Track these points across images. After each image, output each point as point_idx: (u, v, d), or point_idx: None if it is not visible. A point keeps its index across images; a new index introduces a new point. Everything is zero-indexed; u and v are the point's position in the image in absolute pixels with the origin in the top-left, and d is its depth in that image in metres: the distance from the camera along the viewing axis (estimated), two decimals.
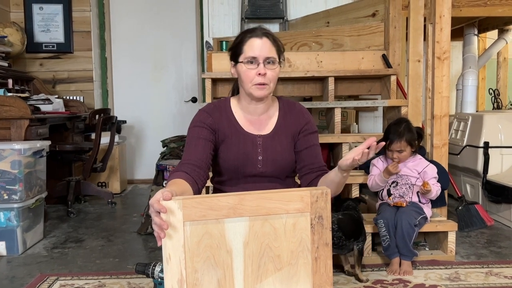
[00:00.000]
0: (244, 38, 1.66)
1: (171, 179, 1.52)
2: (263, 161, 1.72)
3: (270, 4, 4.40)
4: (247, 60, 1.64)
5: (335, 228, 2.24)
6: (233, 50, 1.71)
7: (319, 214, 1.27)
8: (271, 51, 1.64)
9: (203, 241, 1.24)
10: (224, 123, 1.73)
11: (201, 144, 1.66)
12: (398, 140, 2.49)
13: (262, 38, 1.64)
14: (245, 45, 1.65)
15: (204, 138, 1.68)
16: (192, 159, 1.62)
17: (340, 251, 2.31)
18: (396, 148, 2.50)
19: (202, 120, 1.72)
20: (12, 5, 4.65)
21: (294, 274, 1.29)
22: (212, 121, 1.71)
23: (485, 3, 3.77)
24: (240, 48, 1.67)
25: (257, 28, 1.68)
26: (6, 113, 3.23)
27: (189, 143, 1.68)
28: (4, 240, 2.77)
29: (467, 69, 4.25)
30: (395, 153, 2.51)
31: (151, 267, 2.00)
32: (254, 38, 1.64)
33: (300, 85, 3.54)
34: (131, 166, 5.24)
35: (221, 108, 1.76)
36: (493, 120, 3.54)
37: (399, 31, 3.44)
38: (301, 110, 1.80)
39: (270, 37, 1.65)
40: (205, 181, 1.64)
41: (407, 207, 2.45)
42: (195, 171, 1.59)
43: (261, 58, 1.62)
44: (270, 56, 1.63)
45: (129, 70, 5.13)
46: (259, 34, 1.65)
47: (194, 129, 1.71)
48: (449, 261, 2.56)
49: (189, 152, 1.66)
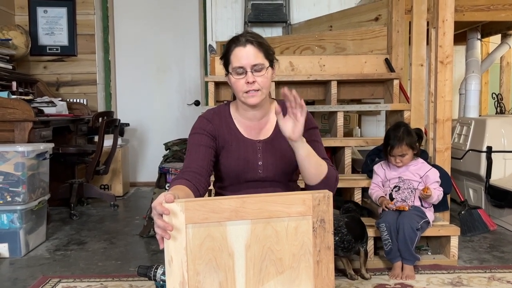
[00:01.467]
0: (230, 48, 1.66)
1: (172, 185, 1.52)
2: (263, 166, 1.72)
3: (273, 8, 4.41)
4: (235, 71, 1.64)
5: (344, 232, 2.28)
6: (223, 60, 1.72)
7: (321, 217, 1.28)
8: (257, 57, 1.62)
9: (205, 243, 1.24)
10: (224, 130, 1.73)
11: (202, 151, 1.67)
12: (398, 145, 2.49)
13: (246, 46, 1.63)
14: (231, 55, 1.65)
15: (204, 145, 1.68)
16: (193, 167, 1.62)
17: (348, 253, 2.33)
18: (398, 153, 2.50)
19: (202, 127, 1.72)
20: (16, 8, 4.68)
21: (295, 277, 1.29)
22: (212, 128, 1.72)
23: (488, 7, 3.77)
24: (227, 58, 1.68)
25: (241, 35, 1.67)
26: (10, 116, 3.24)
27: (190, 151, 1.69)
28: (7, 242, 2.77)
29: (470, 73, 4.24)
30: (397, 158, 2.52)
31: (153, 270, 2.00)
32: (238, 48, 1.63)
33: (302, 89, 3.54)
34: (134, 168, 5.25)
35: (221, 114, 1.77)
36: (496, 125, 3.53)
37: (402, 35, 3.44)
38: None
39: (254, 43, 1.63)
40: (207, 188, 1.64)
41: (409, 211, 2.45)
42: (196, 178, 1.59)
43: (247, 66, 1.62)
44: (256, 63, 1.62)
45: (132, 73, 5.14)
46: (243, 42, 1.63)
47: (195, 136, 1.71)
48: (451, 266, 2.55)
49: (190, 160, 1.66)
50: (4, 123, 3.25)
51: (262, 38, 1.69)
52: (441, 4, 2.75)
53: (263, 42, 1.67)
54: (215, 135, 1.72)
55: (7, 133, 3.27)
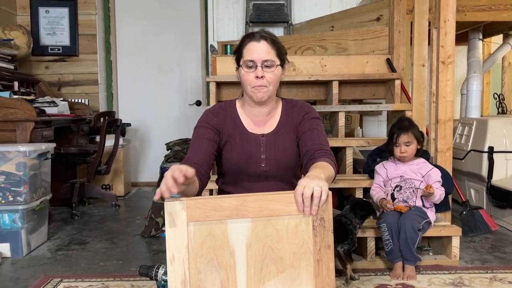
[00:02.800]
0: (244, 42, 1.70)
1: None
2: (266, 160, 1.73)
3: (274, 8, 4.41)
4: (245, 64, 1.67)
5: None
6: (235, 54, 1.75)
7: (321, 216, 1.28)
8: (269, 54, 1.66)
9: (206, 242, 1.24)
10: (228, 124, 1.76)
11: (205, 145, 1.70)
12: (405, 132, 2.50)
13: (259, 41, 1.66)
14: (244, 49, 1.69)
15: (208, 138, 1.71)
16: (195, 158, 1.65)
17: None
18: (404, 140, 2.50)
19: (207, 120, 1.76)
20: (18, 8, 4.69)
21: (296, 276, 1.29)
22: (217, 122, 1.75)
23: (489, 7, 3.77)
24: (240, 52, 1.71)
25: (257, 32, 1.71)
26: (11, 116, 3.25)
27: (193, 143, 1.72)
28: (9, 242, 2.78)
29: (471, 73, 4.24)
30: (402, 146, 2.51)
31: (154, 270, 2.01)
32: (252, 42, 1.67)
33: (304, 89, 3.54)
34: (135, 168, 5.26)
35: (226, 109, 1.80)
36: (497, 125, 3.53)
37: (403, 35, 3.44)
38: (303, 104, 1.81)
39: (268, 40, 1.67)
40: (207, 181, 1.66)
41: (411, 212, 2.45)
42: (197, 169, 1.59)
43: (258, 61, 1.65)
44: (267, 59, 1.66)
45: (133, 73, 5.15)
46: (257, 37, 1.67)
47: (199, 129, 1.74)
48: (453, 266, 2.54)
49: (192, 152, 1.69)
50: (6, 123, 3.25)
51: (276, 38, 1.72)
52: (442, 4, 2.75)
53: (277, 40, 1.71)
54: (220, 129, 1.75)
55: (9, 133, 3.27)
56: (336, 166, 1.59)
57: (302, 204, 1.25)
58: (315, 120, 1.74)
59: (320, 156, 1.59)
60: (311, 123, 1.72)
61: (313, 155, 1.62)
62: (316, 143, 1.66)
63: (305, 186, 1.24)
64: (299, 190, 1.24)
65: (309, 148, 1.66)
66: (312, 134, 1.69)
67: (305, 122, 1.73)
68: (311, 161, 1.60)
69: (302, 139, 1.71)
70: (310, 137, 1.69)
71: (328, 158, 1.58)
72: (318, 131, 1.71)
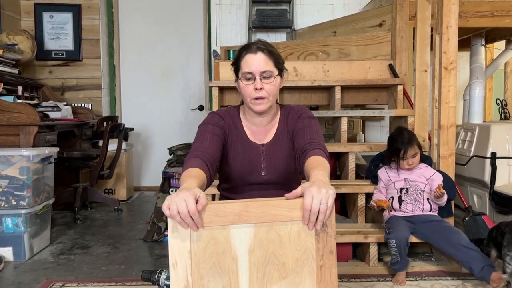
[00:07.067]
0: (241, 55, 1.70)
1: (187, 167, 1.49)
2: (266, 169, 1.74)
3: (277, 13, 4.43)
4: (244, 76, 1.67)
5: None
6: (233, 66, 1.75)
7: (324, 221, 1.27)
8: (266, 65, 1.66)
9: (209, 247, 1.24)
10: (232, 129, 1.77)
11: (214, 139, 1.67)
12: (410, 147, 2.55)
13: (256, 53, 1.66)
14: (242, 61, 1.69)
15: (216, 134, 1.69)
16: (205, 147, 1.62)
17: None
18: (411, 154, 2.55)
19: (215, 119, 1.75)
20: (23, 13, 4.72)
21: (299, 282, 1.29)
22: (224, 124, 1.75)
23: (492, 13, 3.77)
24: (238, 64, 1.71)
25: (253, 43, 1.70)
26: (15, 120, 3.27)
27: (202, 136, 1.68)
28: (11, 246, 2.79)
29: (474, 79, 4.23)
30: (410, 160, 2.55)
31: (157, 274, 2.01)
32: (249, 54, 1.67)
33: (306, 94, 3.55)
34: (138, 173, 5.27)
35: (231, 114, 1.80)
36: (500, 131, 3.52)
37: (406, 41, 3.44)
38: (297, 108, 1.80)
39: (265, 51, 1.67)
40: (215, 173, 1.62)
41: (441, 223, 2.49)
42: (207, 158, 1.58)
43: (257, 73, 1.65)
44: (265, 70, 1.65)
45: (137, 78, 5.17)
46: (254, 49, 1.67)
47: (208, 126, 1.72)
48: (455, 272, 2.54)
49: (202, 142, 1.65)
50: (10, 127, 3.27)
51: (273, 48, 1.72)
52: (445, 10, 2.75)
53: (273, 51, 1.71)
54: (226, 132, 1.75)
55: (13, 137, 3.29)
56: (328, 156, 1.56)
57: (307, 219, 1.24)
58: (308, 119, 1.73)
59: (311, 149, 1.56)
60: (303, 122, 1.72)
61: (304, 148, 1.60)
62: (307, 138, 1.65)
63: (313, 198, 1.20)
64: (307, 204, 1.21)
65: (300, 143, 1.65)
66: (303, 132, 1.67)
67: (298, 123, 1.73)
68: (303, 154, 1.58)
69: (295, 139, 1.71)
70: (302, 135, 1.68)
71: (319, 149, 1.55)
72: (311, 128, 1.70)
